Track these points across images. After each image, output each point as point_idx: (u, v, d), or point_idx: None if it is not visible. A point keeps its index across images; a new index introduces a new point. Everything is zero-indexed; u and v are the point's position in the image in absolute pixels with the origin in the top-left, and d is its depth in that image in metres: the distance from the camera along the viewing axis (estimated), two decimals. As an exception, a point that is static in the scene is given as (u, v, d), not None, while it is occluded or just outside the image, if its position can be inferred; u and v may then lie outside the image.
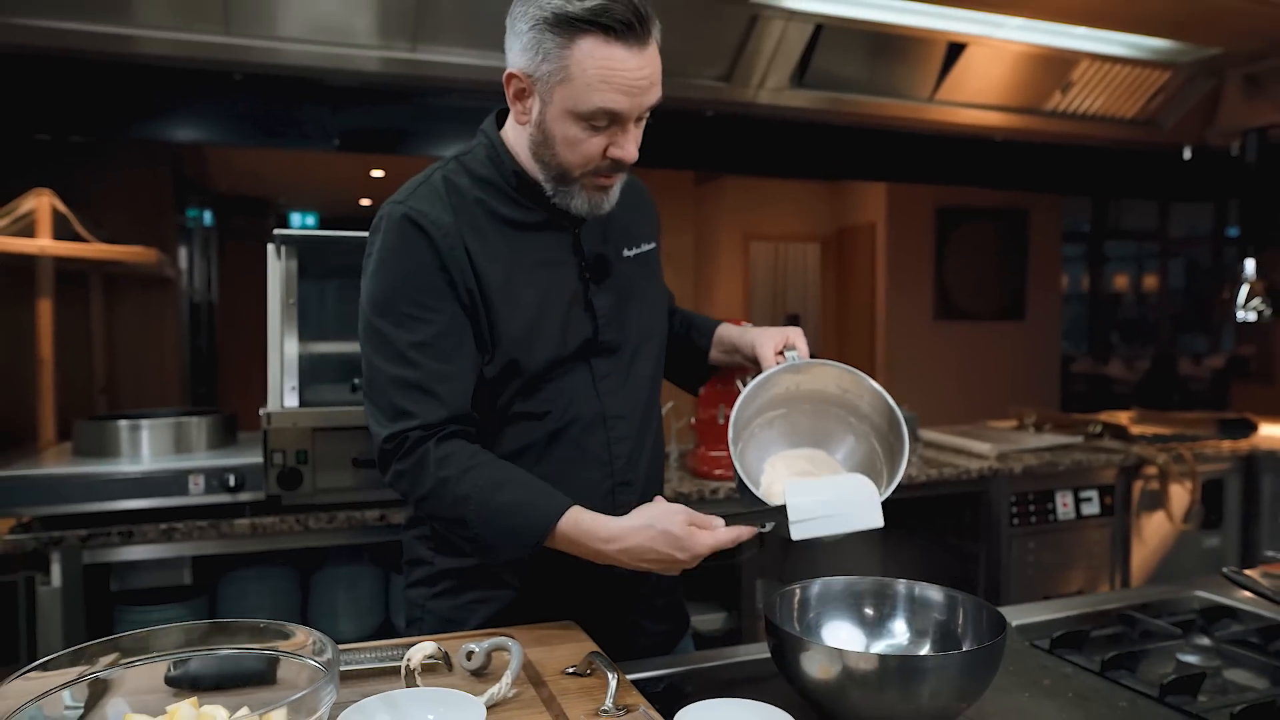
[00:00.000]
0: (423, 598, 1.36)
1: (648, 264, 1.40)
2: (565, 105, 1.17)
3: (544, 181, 1.26)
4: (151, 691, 0.94)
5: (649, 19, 1.15)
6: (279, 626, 0.94)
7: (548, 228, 1.29)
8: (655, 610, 1.42)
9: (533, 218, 1.28)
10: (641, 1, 1.14)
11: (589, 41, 1.12)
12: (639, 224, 1.40)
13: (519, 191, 1.28)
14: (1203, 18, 2.84)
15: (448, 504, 1.19)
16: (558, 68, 1.14)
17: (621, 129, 1.19)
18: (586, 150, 1.20)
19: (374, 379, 1.25)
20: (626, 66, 1.14)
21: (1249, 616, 1.45)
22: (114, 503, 1.91)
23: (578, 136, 1.18)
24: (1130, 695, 1.17)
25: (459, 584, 1.33)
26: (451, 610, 1.33)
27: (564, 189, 1.25)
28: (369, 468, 2.01)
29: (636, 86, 1.15)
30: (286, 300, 2.00)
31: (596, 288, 1.31)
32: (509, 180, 1.28)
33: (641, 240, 1.39)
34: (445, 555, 1.34)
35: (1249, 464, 3.19)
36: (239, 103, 2.69)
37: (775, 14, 2.80)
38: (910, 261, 6.31)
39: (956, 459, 2.80)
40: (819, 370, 1.33)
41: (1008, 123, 3.47)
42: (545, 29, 1.13)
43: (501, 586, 1.32)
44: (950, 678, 0.94)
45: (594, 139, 1.19)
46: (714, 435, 2.51)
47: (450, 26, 2.60)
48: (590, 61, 1.13)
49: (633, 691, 1.02)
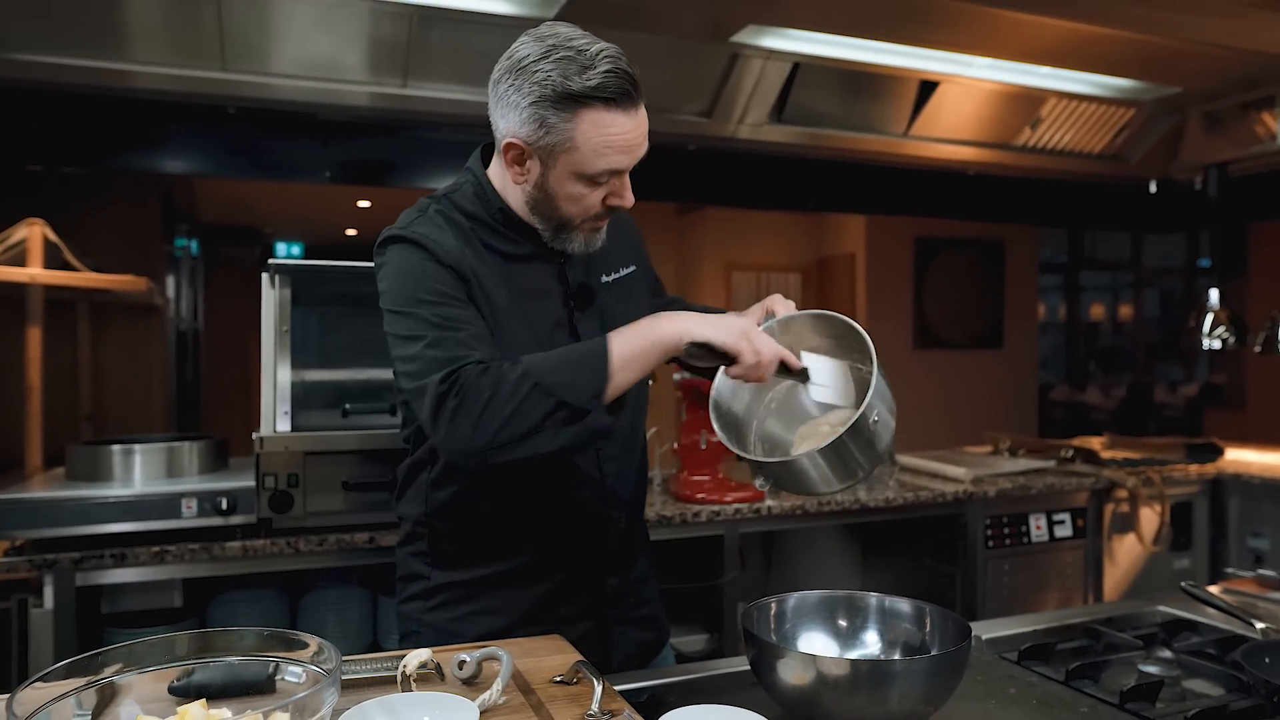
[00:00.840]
0: (419, 611, 1.40)
1: (626, 288, 1.47)
2: (570, 169, 1.26)
3: (542, 229, 1.34)
4: (154, 700, 0.97)
5: (638, 83, 1.25)
6: (284, 635, 0.98)
7: (535, 259, 1.36)
8: (639, 620, 1.48)
9: (520, 250, 1.35)
10: (631, 67, 1.24)
11: (592, 113, 1.22)
12: (616, 251, 1.46)
13: (505, 226, 1.35)
14: (1162, 59, 2.96)
15: (509, 393, 1.15)
16: (563, 139, 1.23)
17: (620, 180, 1.29)
18: (588, 203, 1.29)
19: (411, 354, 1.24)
20: (625, 129, 1.24)
21: (1208, 629, 1.51)
22: (107, 525, 1.94)
23: (581, 193, 1.28)
24: (1092, 702, 1.22)
25: (456, 597, 1.38)
26: (449, 622, 1.38)
27: (563, 235, 1.34)
28: (359, 491, 2.05)
29: (634, 145, 1.26)
30: (280, 327, 2.05)
31: (581, 315, 1.38)
32: (495, 216, 1.35)
33: (619, 265, 1.46)
34: (442, 570, 1.39)
35: (1216, 487, 3.27)
36: (233, 136, 2.76)
37: (754, 53, 2.90)
38: (890, 291, 6.42)
39: (932, 483, 2.86)
40: (798, 326, 1.35)
41: (980, 157, 3.59)
42: (547, 105, 1.22)
43: (498, 598, 1.37)
44: (918, 681, 1.00)
45: (595, 192, 1.28)
46: (696, 460, 2.57)
47: (440, 63, 2.69)
48: (594, 131, 1.22)
49: (617, 698, 1.07)
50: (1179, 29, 2.66)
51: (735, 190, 3.59)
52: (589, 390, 1.17)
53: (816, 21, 2.70)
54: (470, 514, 1.37)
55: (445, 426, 1.17)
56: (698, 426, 2.53)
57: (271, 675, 1.01)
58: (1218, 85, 3.25)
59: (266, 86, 2.61)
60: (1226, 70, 3.08)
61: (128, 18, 2.38)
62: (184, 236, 5.79)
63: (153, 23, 2.41)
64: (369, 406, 2.13)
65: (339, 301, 2.23)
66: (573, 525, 1.39)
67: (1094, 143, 3.65)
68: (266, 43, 2.53)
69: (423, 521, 1.41)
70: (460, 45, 2.64)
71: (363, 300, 2.30)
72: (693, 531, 2.45)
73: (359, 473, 2.05)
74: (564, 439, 1.18)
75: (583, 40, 1.23)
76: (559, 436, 1.17)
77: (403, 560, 1.45)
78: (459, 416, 1.16)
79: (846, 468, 1.25)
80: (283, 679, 1.01)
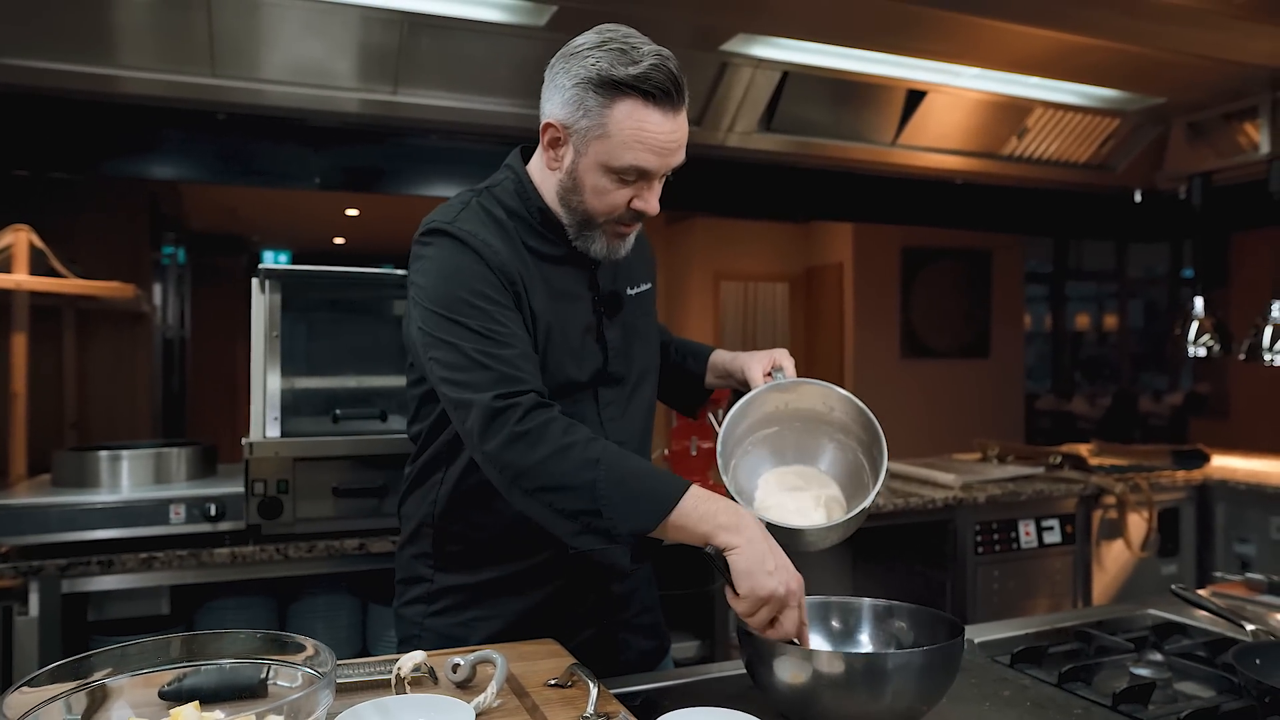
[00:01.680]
0: (420, 615, 1.39)
1: (646, 303, 1.49)
2: (599, 159, 1.25)
3: (567, 224, 1.33)
4: (146, 705, 0.96)
5: (683, 88, 1.25)
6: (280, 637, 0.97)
7: (568, 262, 1.36)
8: (642, 628, 1.48)
9: (556, 251, 1.35)
10: (679, 71, 1.23)
11: (629, 103, 1.21)
12: (639, 266, 1.48)
13: (543, 226, 1.35)
14: (1148, 70, 3.00)
15: (573, 466, 1.12)
16: (597, 124, 1.23)
17: (647, 184, 1.28)
18: (613, 200, 1.28)
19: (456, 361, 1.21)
20: (660, 129, 1.23)
21: (1198, 632, 1.52)
22: (94, 532, 1.92)
23: (606, 187, 1.27)
24: (1085, 704, 1.23)
25: (460, 601, 1.37)
26: (452, 627, 1.36)
27: (586, 233, 1.33)
28: (349, 497, 2.04)
29: (667, 148, 1.25)
30: (270, 333, 2.04)
31: (609, 322, 1.39)
32: (534, 215, 1.34)
33: (641, 280, 1.48)
34: (446, 573, 1.38)
35: (1202, 493, 3.30)
36: (223, 141, 2.75)
37: (744, 62, 2.91)
38: (877, 300, 6.46)
39: (922, 489, 2.87)
40: (805, 389, 1.39)
41: (968, 166, 3.61)
42: (589, 87, 1.22)
43: (502, 603, 1.36)
44: (912, 676, 1.01)
45: (621, 191, 1.27)
46: (687, 467, 2.57)
47: (430, 70, 2.69)
48: (629, 121, 1.22)
49: (612, 700, 1.06)
50: (1164, 39, 2.70)
51: (725, 199, 3.61)
52: (634, 524, 1.12)
53: (806, 30, 2.72)
54: (481, 515, 1.36)
55: (498, 443, 1.15)
56: (688, 433, 2.53)
57: (264, 679, 1.00)
58: (1202, 96, 3.29)
59: (256, 92, 2.60)
60: (1210, 81, 3.12)
61: (117, 23, 2.37)
62: (171, 245, 5.76)
63: (142, 28, 2.40)
64: (360, 412, 2.12)
65: (329, 308, 2.23)
66: None
67: (1080, 152, 3.69)
68: (256, 49, 2.52)
69: (429, 522, 1.39)
70: (450, 52, 2.64)
71: (353, 306, 2.30)
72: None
73: (350, 478, 2.04)
74: (573, 538, 1.15)
75: (639, 39, 1.24)
76: (574, 536, 1.14)
77: (404, 563, 1.43)
78: (519, 443, 1.14)
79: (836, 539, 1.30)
80: (275, 683, 1.00)
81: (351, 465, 2.05)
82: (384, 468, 2.06)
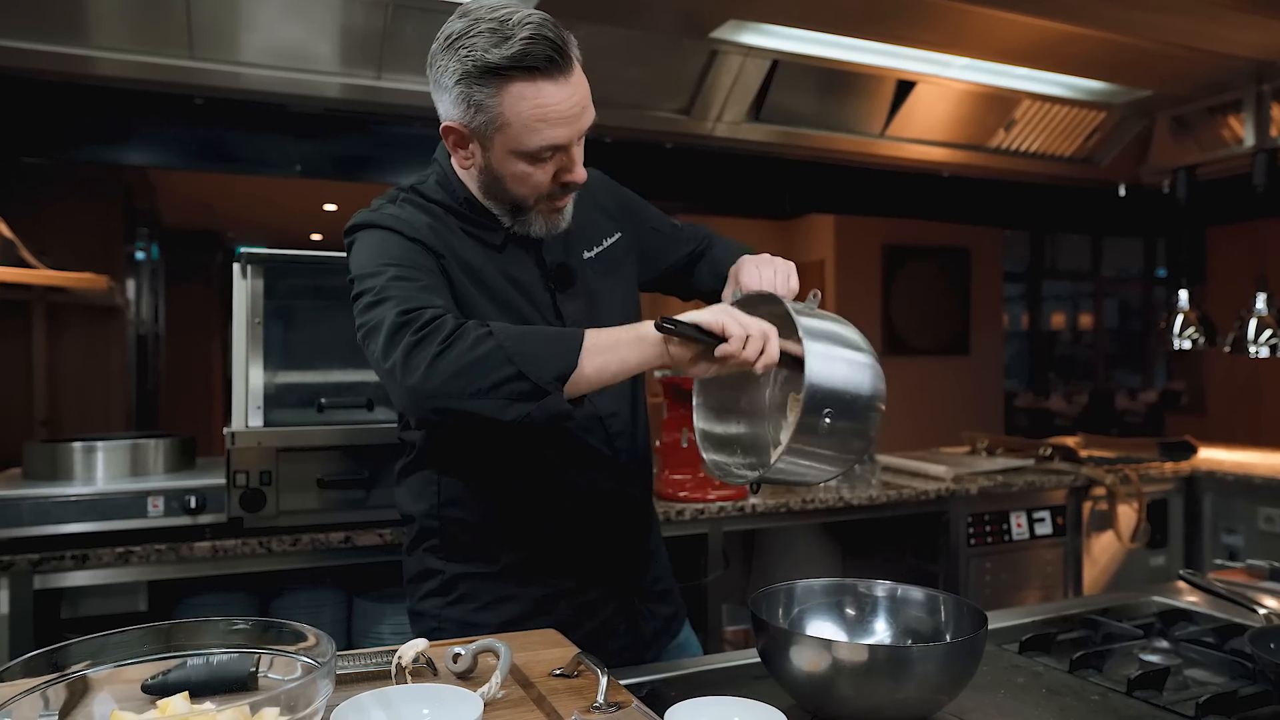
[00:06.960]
0: (437, 607, 1.34)
1: (612, 260, 1.41)
2: (508, 148, 1.20)
3: (499, 214, 1.29)
4: (130, 699, 0.91)
5: (567, 46, 1.17)
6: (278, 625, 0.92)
7: (510, 245, 1.31)
8: (657, 595, 1.47)
9: (495, 238, 1.31)
10: (556, 31, 1.16)
11: (516, 86, 1.15)
12: (595, 223, 1.40)
13: (475, 214, 1.30)
14: (1134, 61, 3.00)
15: (469, 344, 1.09)
16: (492, 116, 1.17)
17: (566, 154, 1.22)
18: (536, 181, 1.23)
19: (369, 302, 1.17)
20: (557, 99, 1.16)
21: (1204, 618, 1.51)
22: (67, 525, 1.85)
23: (526, 171, 1.22)
24: (1101, 690, 1.20)
25: (476, 587, 1.33)
26: (471, 614, 1.32)
27: (521, 218, 1.28)
28: (334, 489, 1.98)
29: (570, 115, 1.18)
30: (252, 319, 1.98)
31: (564, 296, 1.33)
32: (462, 205, 1.30)
33: (601, 237, 1.40)
34: (457, 562, 1.33)
35: (1190, 485, 3.31)
36: (200, 127, 2.67)
37: (734, 50, 2.88)
38: (859, 297, 6.46)
39: (914, 481, 2.85)
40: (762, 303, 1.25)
41: (954, 159, 3.61)
42: (471, 81, 1.16)
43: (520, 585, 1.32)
44: (936, 668, 0.97)
45: (541, 169, 1.22)
46: (677, 459, 2.53)
47: (415, 55, 2.63)
48: (523, 105, 1.15)
49: (622, 690, 1.02)
50: (1151, 29, 2.69)
51: (712, 191, 3.57)
52: (552, 370, 1.09)
53: (796, 17, 2.69)
54: (484, 500, 1.32)
55: (399, 362, 1.10)
56: (679, 425, 2.49)
57: (254, 672, 0.95)
58: (1187, 89, 3.30)
59: (235, 76, 2.53)
60: (1195, 73, 3.13)
61: (90, 1, 2.30)
62: (145, 240, 5.65)
63: (116, 6, 2.32)
64: (345, 401, 2.06)
65: (312, 294, 2.16)
66: (590, 504, 1.35)
67: (1065, 146, 3.69)
68: (236, 31, 2.46)
69: (433, 514, 1.34)
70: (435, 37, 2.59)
71: (336, 293, 2.23)
72: (676, 530, 2.41)
73: (335, 470, 1.98)
74: (517, 414, 1.09)
75: (505, 10, 1.16)
76: (511, 409, 1.09)
77: (415, 560, 1.38)
78: (415, 353, 1.09)
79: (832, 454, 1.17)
80: (265, 676, 0.95)
81: (337, 456, 1.99)
82: (371, 459, 2.00)
